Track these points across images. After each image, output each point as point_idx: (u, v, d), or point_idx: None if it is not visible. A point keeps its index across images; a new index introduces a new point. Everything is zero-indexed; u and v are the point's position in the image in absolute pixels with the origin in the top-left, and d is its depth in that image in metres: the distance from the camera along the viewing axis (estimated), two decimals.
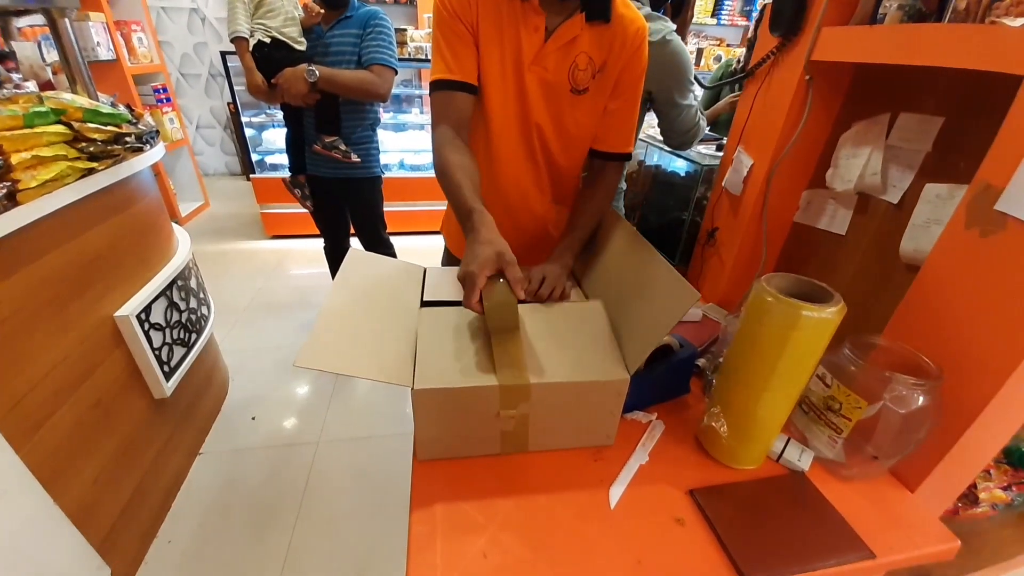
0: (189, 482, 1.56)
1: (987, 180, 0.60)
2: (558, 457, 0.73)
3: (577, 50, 0.82)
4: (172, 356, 1.43)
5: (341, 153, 1.75)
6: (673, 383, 0.88)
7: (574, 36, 0.81)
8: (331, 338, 0.65)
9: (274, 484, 1.58)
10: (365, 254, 0.90)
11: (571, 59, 0.83)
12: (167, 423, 1.48)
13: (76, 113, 1.11)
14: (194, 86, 4.45)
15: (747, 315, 0.66)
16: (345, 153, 1.75)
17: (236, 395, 1.95)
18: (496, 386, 0.65)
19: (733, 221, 1.17)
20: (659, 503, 0.67)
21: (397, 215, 3.18)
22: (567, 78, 0.84)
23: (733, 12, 4.49)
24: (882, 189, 0.88)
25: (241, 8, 1.59)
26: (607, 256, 0.90)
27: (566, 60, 0.83)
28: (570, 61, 0.83)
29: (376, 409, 1.92)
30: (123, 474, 1.28)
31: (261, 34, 1.62)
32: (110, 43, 2.94)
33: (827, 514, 0.66)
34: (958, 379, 0.64)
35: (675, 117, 1.20)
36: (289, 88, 1.58)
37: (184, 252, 1.57)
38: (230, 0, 1.59)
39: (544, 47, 0.81)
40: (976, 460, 0.74)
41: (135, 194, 1.35)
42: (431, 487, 0.67)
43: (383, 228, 2.05)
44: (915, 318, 0.72)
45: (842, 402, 0.70)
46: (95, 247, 1.19)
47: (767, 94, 1.05)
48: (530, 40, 0.81)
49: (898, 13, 0.75)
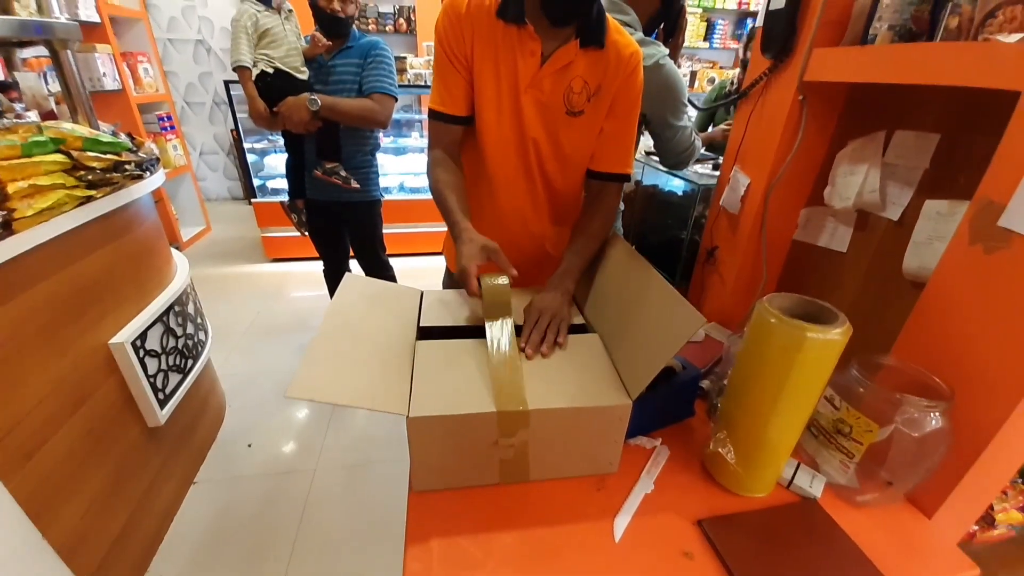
0: (182, 513, 1.52)
1: (989, 196, 0.59)
2: (559, 487, 0.70)
3: (572, 74, 0.84)
4: (167, 383, 1.41)
5: (341, 179, 1.76)
6: (677, 406, 0.85)
7: (569, 61, 0.83)
8: (324, 366, 0.63)
9: (269, 514, 1.53)
10: (361, 278, 0.89)
11: (566, 82, 0.85)
12: (160, 452, 1.45)
13: (75, 142, 1.12)
14: (198, 114, 4.54)
15: (750, 337, 0.64)
16: (345, 179, 1.77)
17: (233, 421, 1.92)
18: (494, 413, 0.63)
19: (732, 240, 1.17)
20: (666, 535, 0.64)
21: (398, 237, 3.20)
22: (562, 100, 0.86)
23: (725, 36, 4.61)
24: (881, 206, 0.88)
25: (244, 38, 1.63)
26: (608, 278, 0.89)
27: (561, 83, 0.85)
28: (565, 84, 0.85)
29: (375, 433, 1.89)
30: (114, 506, 1.24)
31: (264, 64, 1.66)
32: (116, 74, 3.01)
33: (842, 544, 0.63)
34: (971, 399, 0.62)
35: (670, 138, 1.21)
36: (291, 116, 1.61)
37: (183, 277, 1.57)
38: (234, 31, 1.63)
39: (540, 71, 0.83)
40: (994, 482, 0.71)
41: (133, 220, 1.36)
42: (427, 520, 0.64)
43: (382, 251, 2.06)
44: (923, 337, 0.70)
45: (852, 425, 0.67)
46: (91, 274, 1.18)
47: (761, 114, 1.05)
48: (526, 64, 0.83)
49: (888, 33, 0.76)
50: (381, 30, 3.91)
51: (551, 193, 0.98)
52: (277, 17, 1.68)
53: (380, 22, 3.89)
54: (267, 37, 1.66)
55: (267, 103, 1.66)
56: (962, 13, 0.64)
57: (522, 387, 0.66)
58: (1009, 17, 0.59)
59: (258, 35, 1.65)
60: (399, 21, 3.90)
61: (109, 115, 3.00)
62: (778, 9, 0.93)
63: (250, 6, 1.63)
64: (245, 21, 1.62)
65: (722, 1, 4.40)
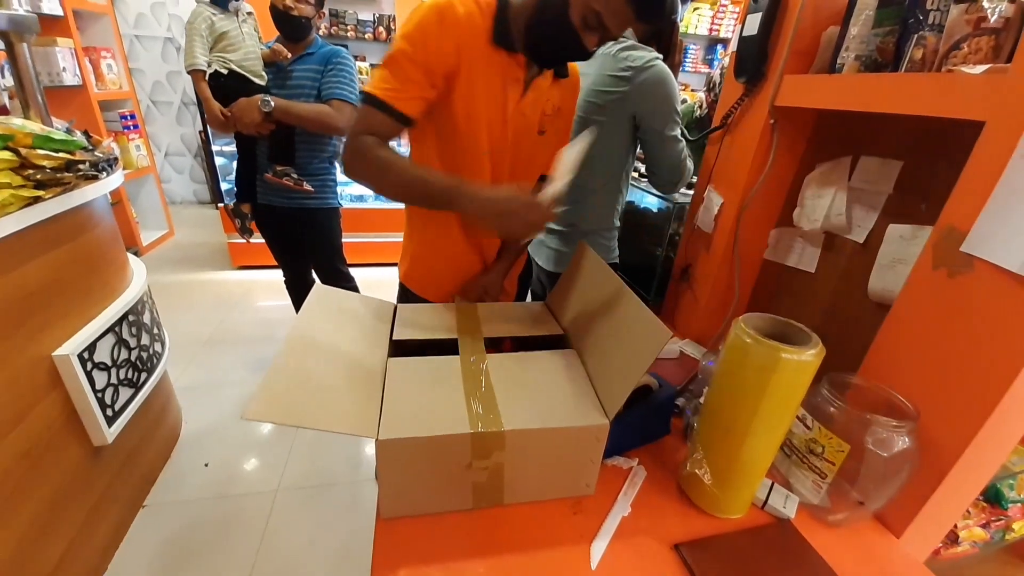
0: (129, 540, 1.41)
1: (952, 223, 0.62)
2: (535, 510, 0.68)
3: (545, 98, 0.92)
4: (117, 398, 1.31)
5: (293, 181, 1.71)
6: (653, 425, 0.85)
7: (545, 88, 0.91)
8: (286, 385, 0.60)
9: (225, 540, 1.44)
10: (331, 290, 0.85)
11: (541, 107, 0.91)
12: (106, 472, 1.34)
13: (25, 139, 1.05)
14: (165, 113, 4.38)
15: (726, 357, 0.64)
16: (297, 181, 1.71)
17: (188, 438, 1.81)
18: (468, 434, 0.60)
19: (706, 258, 1.18)
20: (643, 560, 0.62)
21: (357, 246, 3.13)
22: (538, 122, 0.92)
23: (696, 60, 4.81)
24: (847, 229, 0.91)
25: (199, 41, 1.57)
26: (582, 295, 0.88)
27: (538, 107, 0.91)
28: (540, 108, 0.91)
29: (343, 451, 1.81)
30: (52, 533, 1.14)
31: (219, 65, 1.60)
32: (76, 69, 2.87)
33: (815, 566, 0.63)
34: (936, 420, 0.64)
35: (659, 145, 1.16)
36: (242, 117, 1.55)
37: (139, 284, 1.48)
38: (187, 34, 1.57)
39: (524, 97, 0.88)
40: (959, 502, 0.73)
41: (86, 223, 1.27)
42: (395, 549, 0.60)
43: (341, 262, 1.98)
44: (889, 358, 0.72)
45: (824, 445, 0.68)
46: (35, 280, 1.10)
47: (734, 136, 1.08)
48: (513, 90, 0.86)
49: (855, 63, 0.79)
50: (360, 37, 3.88)
51: None
52: (234, 20, 1.62)
53: (359, 30, 3.86)
54: (223, 40, 1.60)
55: (221, 104, 1.59)
56: (926, 45, 0.67)
57: (497, 407, 0.64)
58: (974, 49, 0.61)
59: (214, 38, 1.59)
60: (379, 29, 3.88)
61: (67, 111, 2.85)
62: (751, 36, 0.96)
63: (204, 8, 1.57)
64: (199, 24, 1.56)
65: (694, 27, 4.58)
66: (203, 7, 1.57)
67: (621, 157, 1.22)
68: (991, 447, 0.63)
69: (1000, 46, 0.61)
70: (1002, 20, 0.61)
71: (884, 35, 0.74)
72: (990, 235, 0.57)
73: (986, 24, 0.61)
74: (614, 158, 1.22)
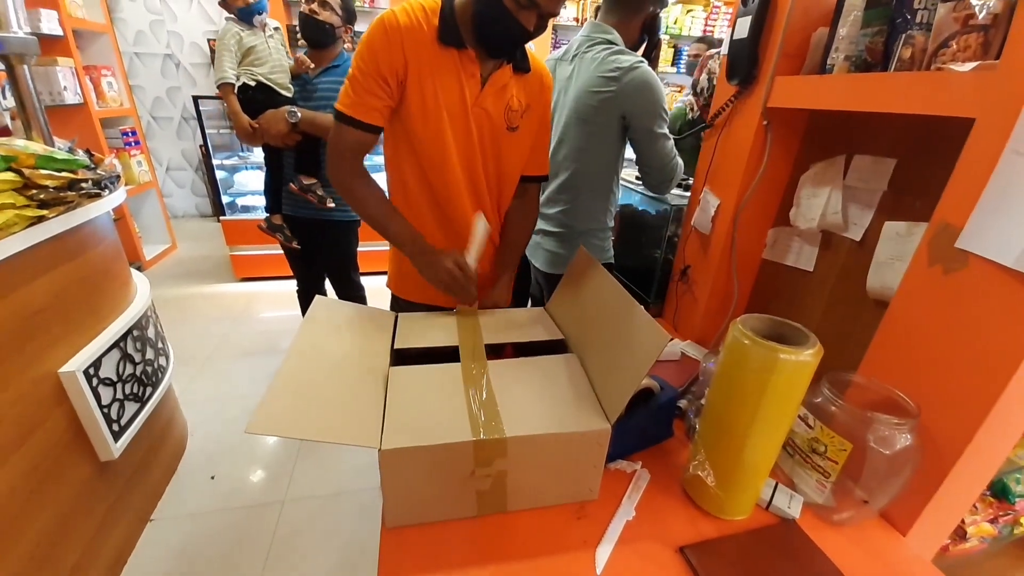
0: (137, 554, 1.41)
1: (945, 219, 0.62)
2: (539, 516, 0.68)
3: (508, 94, 0.94)
4: (123, 413, 1.32)
5: (317, 198, 1.73)
6: (656, 428, 0.85)
7: (505, 83, 0.92)
8: (289, 398, 0.60)
9: (233, 553, 1.44)
10: (331, 301, 0.86)
11: (505, 101, 0.94)
12: (113, 487, 1.35)
13: (28, 160, 1.06)
14: (166, 129, 4.41)
15: (725, 359, 0.64)
16: (321, 199, 1.74)
17: (195, 452, 1.81)
18: (471, 442, 0.60)
19: (704, 259, 1.19)
20: (648, 564, 0.62)
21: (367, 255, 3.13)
22: (503, 117, 0.94)
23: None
24: (844, 227, 0.91)
25: (228, 56, 1.64)
26: (580, 299, 0.89)
27: (501, 102, 0.93)
28: (504, 103, 0.94)
29: (349, 460, 1.81)
30: (61, 548, 1.14)
31: (247, 78, 1.67)
32: (77, 87, 2.90)
33: (821, 566, 0.63)
34: (938, 417, 0.64)
35: (648, 143, 1.18)
36: (269, 128, 1.60)
37: (143, 300, 1.49)
38: (218, 50, 1.65)
39: (483, 91, 0.91)
40: (964, 498, 0.73)
41: (89, 241, 1.29)
42: (400, 559, 0.61)
43: (355, 271, 2.02)
44: (888, 355, 0.72)
45: (827, 444, 0.68)
46: (41, 298, 1.11)
47: (729, 137, 1.09)
48: (470, 85, 0.89)
49: (845, 64, 0.80)
50: None
51: (494, 201, 1.06)
52: (260, 35, 1.70)
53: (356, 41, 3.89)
54: (251, 55, 1.68)
55: (249, 117, 1.64)
56: (915, 44, 0.68)
57: (499, 414, 0.64)
58: (963, 46, 0.62)
59: (242, 53, 1.67)
60: None
61: (69, 130, 2.87)
62: (741, 39, 0.97)
63: (232, 25, 1.65)
64: (228, 40, 1.64)
65: (688, 29, 4.61)
66: (232, 24, 1.66)
67: (612, 158, 1.24)
68: (994, 441, 0.63)
69: (989, 43, 0.62)
70: (990, 16, 0.61)
71: (873, 35, 0.75)
72: (984, 231, 0.58)
73: (974, 21, 0.62)
74: (606, 159, 1.24)
